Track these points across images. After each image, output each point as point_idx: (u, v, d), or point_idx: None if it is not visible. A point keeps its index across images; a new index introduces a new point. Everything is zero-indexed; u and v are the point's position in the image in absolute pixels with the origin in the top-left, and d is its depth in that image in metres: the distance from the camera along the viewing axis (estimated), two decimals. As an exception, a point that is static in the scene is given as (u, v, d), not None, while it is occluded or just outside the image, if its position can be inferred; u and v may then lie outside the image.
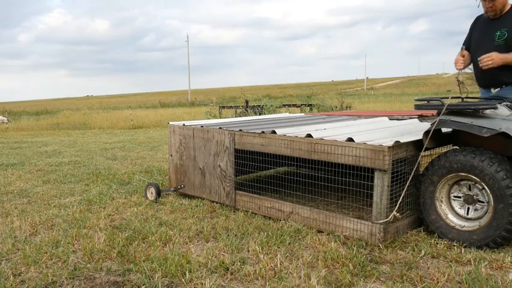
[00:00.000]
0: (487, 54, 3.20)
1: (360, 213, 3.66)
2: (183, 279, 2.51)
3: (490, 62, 3.18)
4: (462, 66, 3.34)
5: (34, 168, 6.55)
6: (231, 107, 17.30)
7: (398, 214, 2.95)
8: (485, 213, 2.89)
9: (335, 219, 3.24)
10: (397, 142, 2.95)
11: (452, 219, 3.03)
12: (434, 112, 3.64)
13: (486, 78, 3.32)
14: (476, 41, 3.44)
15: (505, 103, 3.05)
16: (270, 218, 3.65)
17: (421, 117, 4.66)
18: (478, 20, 3.50)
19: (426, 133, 3.06)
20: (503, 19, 3.29)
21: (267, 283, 2.46)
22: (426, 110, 4.49)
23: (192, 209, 3.98)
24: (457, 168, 2.93)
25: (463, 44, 3.58)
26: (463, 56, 3.39)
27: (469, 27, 3.60)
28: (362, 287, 2.41)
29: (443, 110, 2.98)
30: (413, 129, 3.73)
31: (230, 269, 2.64)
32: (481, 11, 3.41)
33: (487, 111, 2.94)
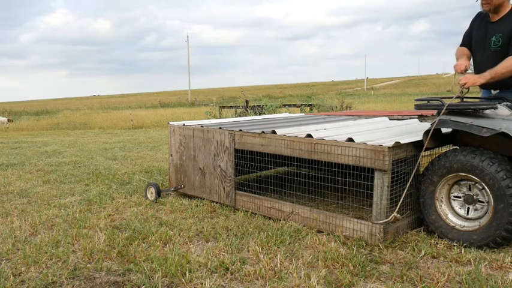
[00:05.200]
0: (462, 77, 3.18)
1: (360, 213, 3.66)
2: (183, 279, 2.51)
3: (463, 83, 3.14)
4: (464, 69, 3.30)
5: (34, 168, 6.55)
6: (231, 107, 17.29)
7: (398, 215, 2.95)
8: (485, 213, 2.89)
9: (335, 219, 3.24)
10: (397, 142, 2.95)
11: (452, 219, 3.03)
12: (434, 112, 3.64)
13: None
14: (476, 42, 3.41)
15: (505, 103, 3.05)
16: (270, 218, 3.65)
17: (421, 117, 4.66)
18: (479, 16, 3.44)
19: (426, 133, 3.06)
20: (500, 22, 3.22)
21: (267, 283, 2.46)
22: (426, 110, 4.49)
23: (192, 209, 3.98)
24: (457, 168, 2.93)
25: (463, 39, 3.55)
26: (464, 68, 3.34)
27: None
28: (362, 287, 2.41)
29: (443, 110, 2.98)
30: (413, 129, 3.73)
31: (230, 269, 2.64)
32: (479, 7, 3.36)
33: (487, 111, 2.94)
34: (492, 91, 3.37)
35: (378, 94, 45.63)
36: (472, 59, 3.48)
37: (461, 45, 3.53)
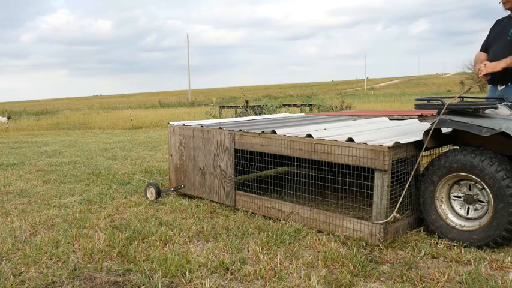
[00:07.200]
0: (479, 68, 3.24)
1: (360, 213, 3.66)
2: (183, 279, 2.51)
3: (483, 71, 3.19)
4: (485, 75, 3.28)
5: (34, 168, 6.55)
6: (231, 107, 17.31)
7: (398, 215, 2.95)
8: (486, 213, 2.89)
9: (335, 219, 3.24)
10: (397, 142, 2.95)
11: (453, 219, 3.03)
12: (435, 112, 3.64)
13: (495, 74, 3.32)
14: (493, 36, 3.47)
15: (505, 103, 3.05)
16: (270, 218, 3.65)
17: (421, 117, 4.66)
18: (498, 22, 3.52)
19: (426, 132, 3.06)
20: None
21: (267, 283, 2.46)
22: (426, 110, 4.49)
23: (192, 209, 3.98)
24: (457, 168, 2.93)
25: (482, 45, 3.59)
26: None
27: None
28: (362, 287, 2.41)
29: (444, 109, 2.98)
30: (414, 129, 3.73)
31: (230, 269, 2.64)
32: (501, 13, 3.42)
33: (487, 111, 2.94)
34: (498, 86, 3.39)
35: (378, 94, 45.61)
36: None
37: (480, 50, 3.57)
